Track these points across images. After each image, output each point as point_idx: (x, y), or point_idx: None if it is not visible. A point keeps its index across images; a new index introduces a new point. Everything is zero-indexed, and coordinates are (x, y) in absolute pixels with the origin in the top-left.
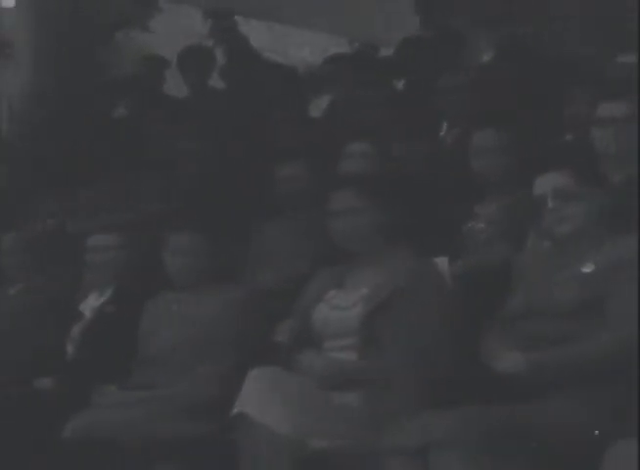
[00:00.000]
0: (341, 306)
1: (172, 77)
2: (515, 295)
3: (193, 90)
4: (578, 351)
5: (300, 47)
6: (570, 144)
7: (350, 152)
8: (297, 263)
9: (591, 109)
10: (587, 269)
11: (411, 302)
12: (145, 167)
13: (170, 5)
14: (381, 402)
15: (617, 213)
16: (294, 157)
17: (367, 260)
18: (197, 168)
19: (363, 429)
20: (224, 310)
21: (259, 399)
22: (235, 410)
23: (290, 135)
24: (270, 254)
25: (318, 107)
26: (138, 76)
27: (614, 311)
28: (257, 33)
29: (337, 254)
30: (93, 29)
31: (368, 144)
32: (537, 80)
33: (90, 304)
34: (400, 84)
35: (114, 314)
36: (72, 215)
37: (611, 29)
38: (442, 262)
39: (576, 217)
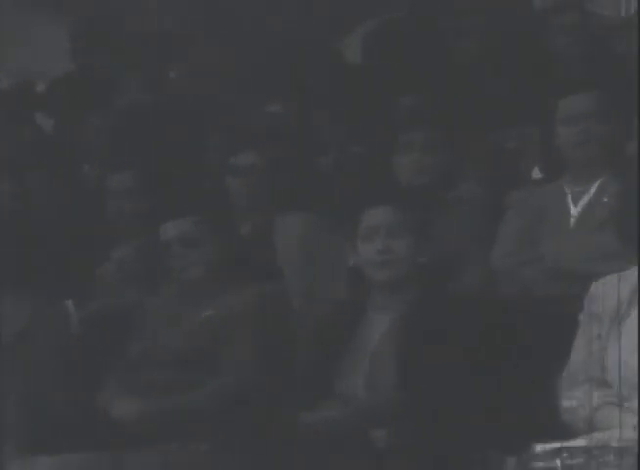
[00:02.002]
0: None
1: None
2: (139, 340)
3: None
4: (190, 397)
5: None
6: (202, 191)
7: None
8: None
9: (226, 157)
10: (206, 315)
11: (32, 344)
12: None
13: None
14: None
15: (241, 261)
16: None
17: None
18: None
19: None
20: None
21: None
22: None
23: None
24: None
25: None
26: None
27: (226, 358)
28: None
29: None
30: None
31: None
32: (178, 126)
33: None
34: (50, 123)
35: None
36: None
37: (257, 77)
38: (70, 305)
39: (199, 264)
